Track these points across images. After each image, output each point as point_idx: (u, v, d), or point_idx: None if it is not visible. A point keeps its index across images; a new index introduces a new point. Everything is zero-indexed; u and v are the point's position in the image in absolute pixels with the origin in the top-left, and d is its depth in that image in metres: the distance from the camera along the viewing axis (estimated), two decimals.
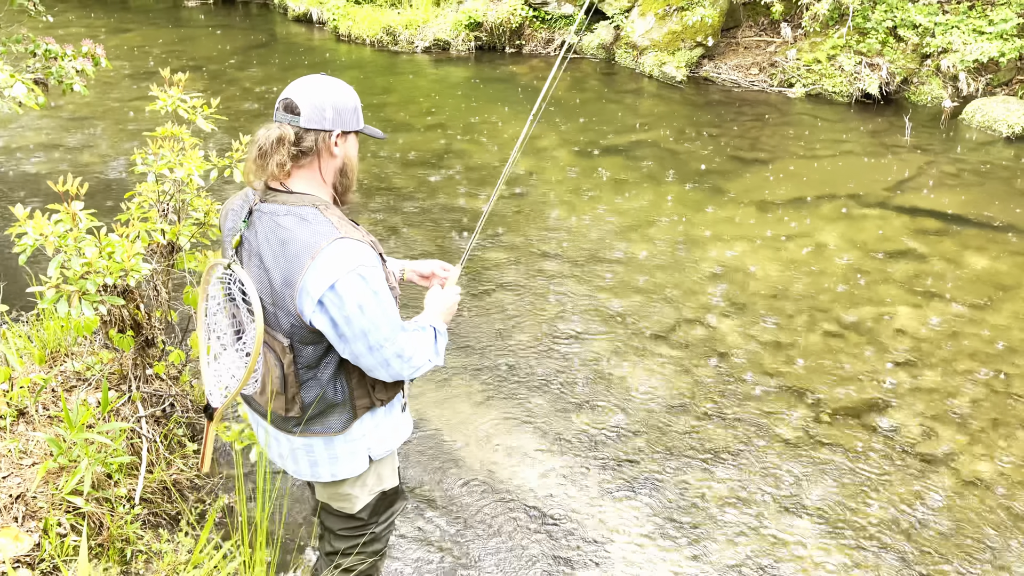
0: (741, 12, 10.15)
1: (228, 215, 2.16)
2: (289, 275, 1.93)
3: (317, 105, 1.98)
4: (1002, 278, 5.33)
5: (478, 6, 10.96)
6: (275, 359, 2.04)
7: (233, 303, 2.07)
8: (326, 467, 2.22)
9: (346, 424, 2.16)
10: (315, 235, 1.92)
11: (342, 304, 1.90)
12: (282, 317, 1.99)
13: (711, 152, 7.50)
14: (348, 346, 1.97)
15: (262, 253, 1.99)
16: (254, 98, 9.01)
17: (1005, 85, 8.69)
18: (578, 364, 4.49)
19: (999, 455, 3.85)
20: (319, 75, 2.06)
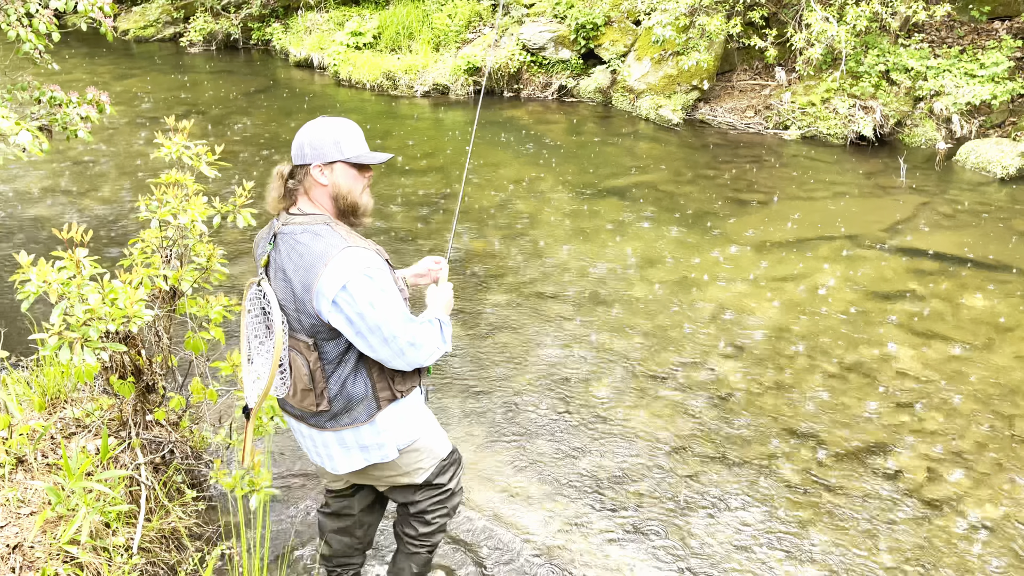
0: (736, 56, 10.32)
1: (259, 243, 2.49)
2: (307, 281, 2.24)
3: (297, 143, 2.35)
4: (1001, 319, 5.34)
5: (477, 51, 11.14)
6: (302, 359, 2.34)
7: (267, 315, 2.38)
8: (357, 454, 2.48)
9: (370, 415, 2.42)
10: (327, 246, 2.25)
11: (354, 302, 2.21)
12: (304, 319, 2.29)
13: (709, 194, 7.56)
14: (364, 340, 2.25)
15: (285, 267, 2.31)
16: (256, 143, 9.11)
17: (998, 127, 8.80)
18: (579, 407, 4.47)
19: (1004, 499, 3.82)
20: (320, 118, 2.40)
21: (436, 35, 11.74)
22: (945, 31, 9.71)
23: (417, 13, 12.19)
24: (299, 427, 2.54)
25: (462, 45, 11.56)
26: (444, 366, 4.86)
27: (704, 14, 9.28)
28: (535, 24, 11.02)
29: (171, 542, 3.11)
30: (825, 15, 8.66)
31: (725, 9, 9.39)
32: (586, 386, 4.67)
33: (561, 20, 10.96)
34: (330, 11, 13.21)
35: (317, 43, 12.61)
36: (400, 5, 12.53)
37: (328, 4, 13.32)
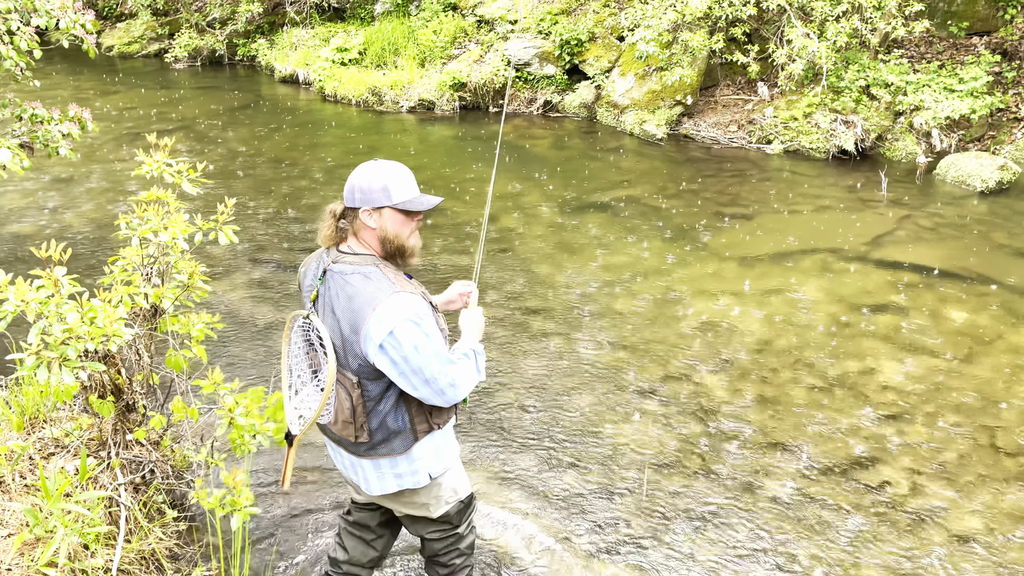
0: (718, 72, 10.41)
1: (307, 274, 2.58)
2: (355, 324, 2.33)
3: (349, 187, 2.43)
4: (982, 331, 5.38)
5: (462, 67, 11.19)
6: (346, 394, 2.44)
7: (312, 347, 2.49)
8: (391, 480, 2.59)
9: (407, 447, 2.53)
10: (376, 290, 2.33)
11: (400, 347, 2.30)
12: (351, 359, 2.39)
13: (693, 208, 7.60)
14: (407, 380, 2.35)
15: (334, 305, 2.40)
16: (241, 159, 9.09)
17: (977, 140, 8.91)
18: (565, 421, 4.46)
19: (987, 510, 3.84)
20: (372, 160, 2.47)
21: (421, 51, 11.79)
22: (924, 47, 9.84)
23: (402, 29, 12.24)
24: (336, 449, 2.66)
25: (447, 61, 11.60)
26: None
27: (687, 30, 9.36)
28: (520, 40, 11.08)
29: (151, 564, 3.07)
30: (806, 31, 8.76)
31: (708, 25, 9.48)
32: (571, 400, 4.66)
33: (545, 36, 11.03)
34: (316, 27, 13.24)
35: (303, 59, 12.63)
36: (385, 21, 12.58)
37: (314, 20, 13.35)
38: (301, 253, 6.61)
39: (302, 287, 2.60)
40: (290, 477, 2.63)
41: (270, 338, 5.31)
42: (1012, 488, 3.97)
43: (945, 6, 9.72)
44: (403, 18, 12.59)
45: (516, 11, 11.47)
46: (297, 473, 4.01)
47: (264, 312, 5.67)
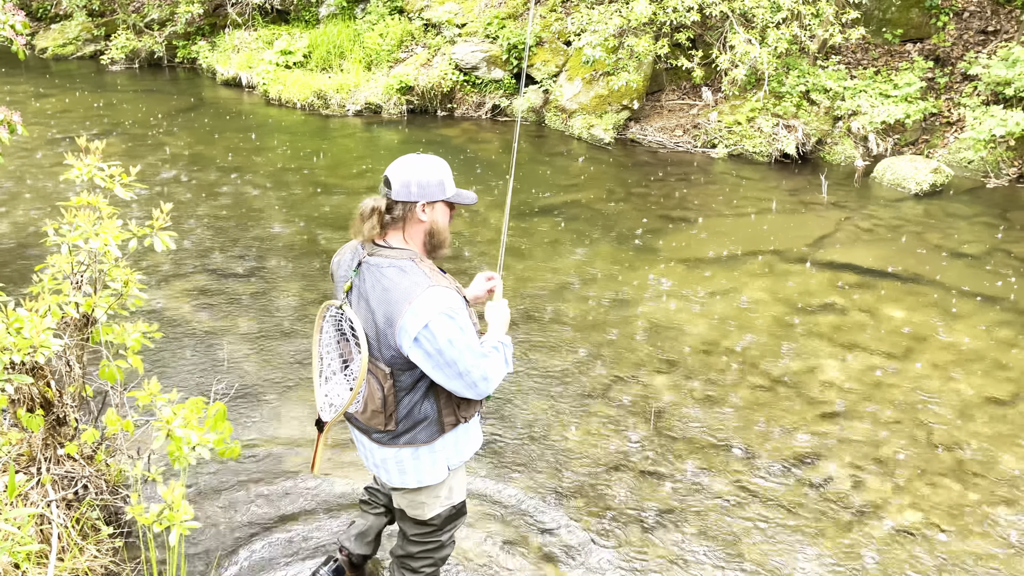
0: (664, 77, 10.55)
1: (340, 264, 2.63)
2: (391, 316, 2.38)
3: (404, 181, 2.45)
4: (918, 329, 5.54)
5: (409, 71, 11.12)
6: (377, 384, 2.48)
7: (344, 338, 2.55)
8: (412, 475, 2.63)
9: (431, 437, 2.58)
10: (412, 284, 2.38)
11: (435, 339, 2.34)
12: (384, 350, 2.43)
13: (640, 211, 7.67)
14: (441, 372, 2.39)
15: (368, 297, 2.45)
16: (181, 163, 8.88)
17: (912, 144, 9.19)
18: (516, 425, 4.45)
19: (925, 504, 3.94)
20: (413, 154, 2.52)
21: (368, 54, 11.68)
22: (861, 53, 10.11)
23: (348, 32, 12.10)
24: (361, 438, 2.72)
25: (394, 64, 11.52)
26: None
27: (632, 35, 9.46)
28: (467, 44, 11.06)
29: None
30: (748, 37, 8.93)
31: (653, 31, 9.60)
32: (520, 405, 4.65)
33: (493, 40, 11.03)
34: (259, 29, 13.01)
35: (245, 61, 12.40)
36: (331, 24, 12.43)
37: (256, 22, 13.12)
38: (245, 259, 6.48)
39: (335, 278, 2.66)
40: (320, 462, 2.71)
41: (213, 346, 5.18)
42: (947, 481, 4.09)
43: (880, 14, 10.02)
44: (349, 21, 12.47)
45: (463, 15, 11.45)
46: (243, 485, 3.92)
47: (206, 319, 5.53)
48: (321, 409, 2.62)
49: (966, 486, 4.05)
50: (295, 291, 5.98)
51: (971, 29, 9.89)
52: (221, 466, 4.02)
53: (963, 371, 5.04)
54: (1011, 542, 3.71)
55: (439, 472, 2.65)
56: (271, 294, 5.93)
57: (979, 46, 9.62)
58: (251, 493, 3.88)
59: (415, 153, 2.55)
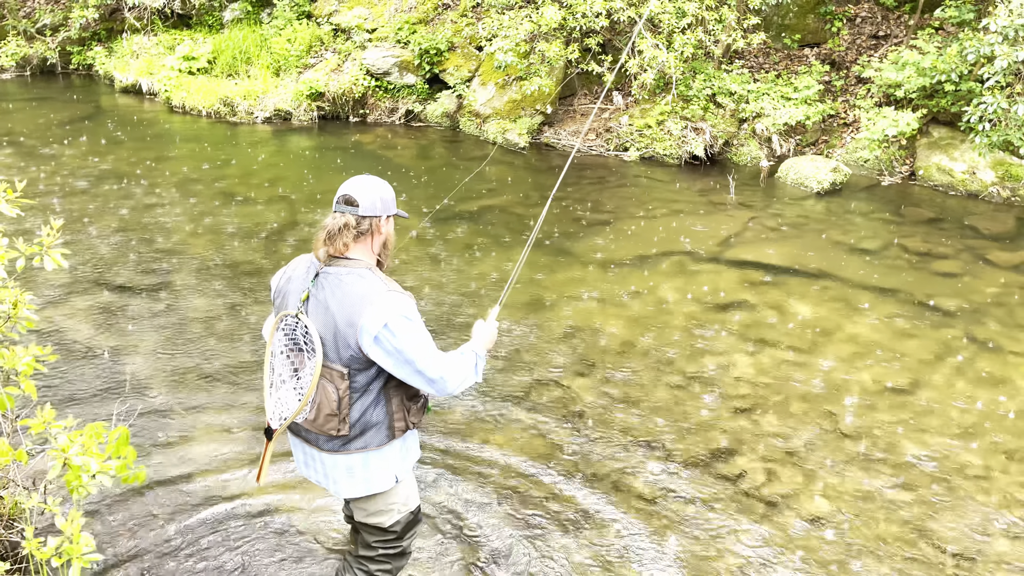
0: (576, 81, 10.68)
1: (292, 279, 2.76)
2: (351, 318, 2.56)
3: (372, 199, 2.68)
4: (823, 323, 5.76)
5: (319, 76, 10.92)
6: (333, 387, 2.62)
7: (296, 347, 2.66)
8: (362, 483, 2.76)
9: (382, 442, 2.72)
10: (371, 289, 2.59)
11: (393, 338, 2.55)
12: (343, 350, 2.59)
13: (556, 215, 7.74)
14: (400, 370, 2.59)
15: (328, 303, 2.61)
16: (79, 175, 8.46)
17: (812, 145, 9.58)
18: (433, 434, 4.40)
19: (832, 492, 4.09)
20: (366, 175, 2.75)
21: (275, 60, 11.40)
22: (762, 57, 10.48)
23: (254, 37, 11.80)
24: (308, 451, 2.80)
25: (303, 70, 11.29)
26: None
27: (544, 40, 9.55)
28: (378, 49, 10.93)
29: None
30: (655, 42, 9.13)
31: (563, 36, 9.70)
32: (440, 413, 4.61)
33: (404, 45, 10.94)
34: (159, 34, 12.54)
35: (146, 68, 11.92)
36: (236, 29, 12.08)
37: (156, 27, 12.64)
38: (148, 274, 6.21)
39: (282, 291, 2.77)
40: (266, 472, 2.80)
41: (115, 367, 4.95)
42: (853, 469, 4.26)
43: (779, 20, 10.40)
44: (254, 26, 12.15)
45: (373, 20, 11.33)
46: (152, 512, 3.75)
47: (108, 339, 5.28)
48: (271, 418, 2.71)
49: (870, 473, 4.23)
50: (203, 306, 5.78)
51: (863, 34, 10.38)
52: (127, 493, 3.83)
53: (865, 362, 5.26)
54: (913, 525, 3.89)
55: (387, 480, 2.78)
56: (177, 310, 5.71)
57: (871, 50, 10.11)
58: (159, 519, 3.72)
59: (362, 175, 2.76)
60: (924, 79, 8.46)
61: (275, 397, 2.72)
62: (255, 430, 4.41)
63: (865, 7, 10.63)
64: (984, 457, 4.38)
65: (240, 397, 4.71)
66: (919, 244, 7.12)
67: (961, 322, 5.79)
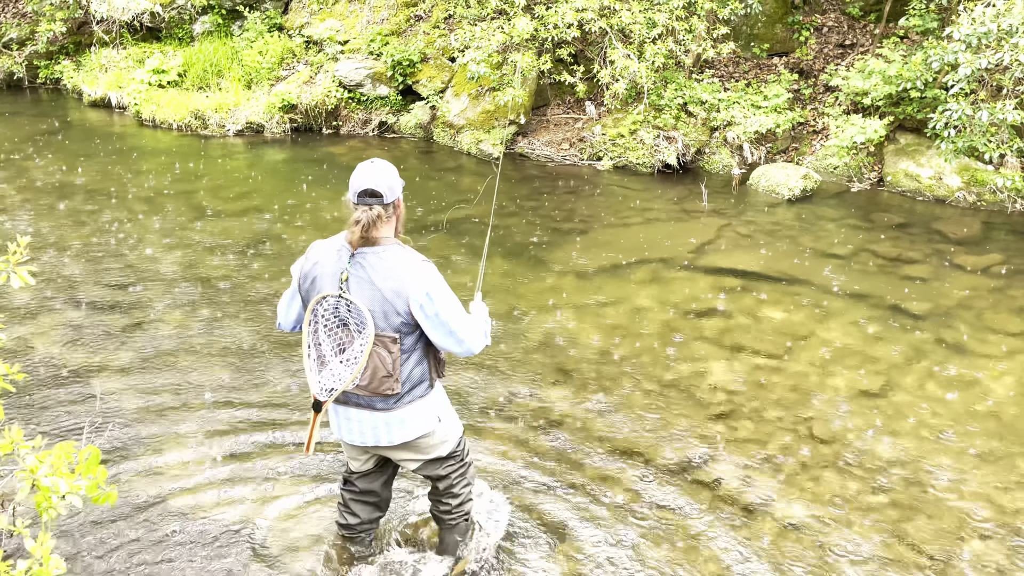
0: (549, 92, 10.73)
1: (319, 262, 3.02)
2: (397, 288, 2.92)
3: (389, 185, 2.96)
4: (796, 328, 5.82)
5: (291, 88, 10.87)
6: (385, 351, 2.94)
7: (341, 324, 2.95)
8: (412, 426, 3.10)
9: (425, 392, 3.11)
10: (409, 261, 2.97)
11: (433, 303, 2.95)
12: (392, 318, 2.93)
13: (531, 225, 7.76)
14: (437, 331, 2.98)
15: (372, 278, 2.93)
16: (48, 191, 8.34)
17: (783, 152, 9.69)
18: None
19: (808, 496, 4.13)
20: (372, 161, 2.99)
21: (247, 72, 11.34)
22: (732, 67, 10.61)
23: (225, 50, 11.71)
24: (357, 415, 3.09)
25: (275, 82, 11.22)
26: (281, 407, 4.61)
27: (516, 51, 9.58)
28: (351, 61, 10.91)
29: None
30: (627, 53, 9.20)
31: (535, 47, 9.75)
32: None
33: (377, 57, 10.93)
34: (128, 48, 12.41)
35: (115, 81, 11.79)
36: (206, 42, 12.00)
37: (125, 40, 12.52)
38: (119, 289, 6.13)
39: (309, 276, 3.02)
40: (313, 444, 3.07)
41: (85, 385, 4.87)
42: (828, 473, 4.30)
43: (748, 29, 10.54)
44: (225, 38, 12.07)
45: (345, 32, 11.31)
46: (112, 539, 3.69)
47: (79, 356, 5.20)
48: (317, 392, 2.94)
49: (845, 477, 4.27)
50: (176, 320, 5.71)
51: (830, 43, 10.55)
52: (98, 513, 3.77)
53: (838, 367, 5.32)
54: (889, 528, 3.93)
55: (432, 421, 3.15)
56: (149, 325, 5.64)
57: (838, 59, 10.27)
58: (131, 540, 3.66)
59: (366, 161, 3.00)
60: (890, 87, 8.61)
61: (322, 373, 2.94)
62: (230, 447, 4.36)
63: (832, 17, 10.81)
64: (957, 459, 4.44)
65: (215, 413, 4.66)
66: (888, 249, 7.23)
67: (931, 325, 5.88)
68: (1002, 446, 4.55)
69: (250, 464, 4.24)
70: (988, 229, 7.78)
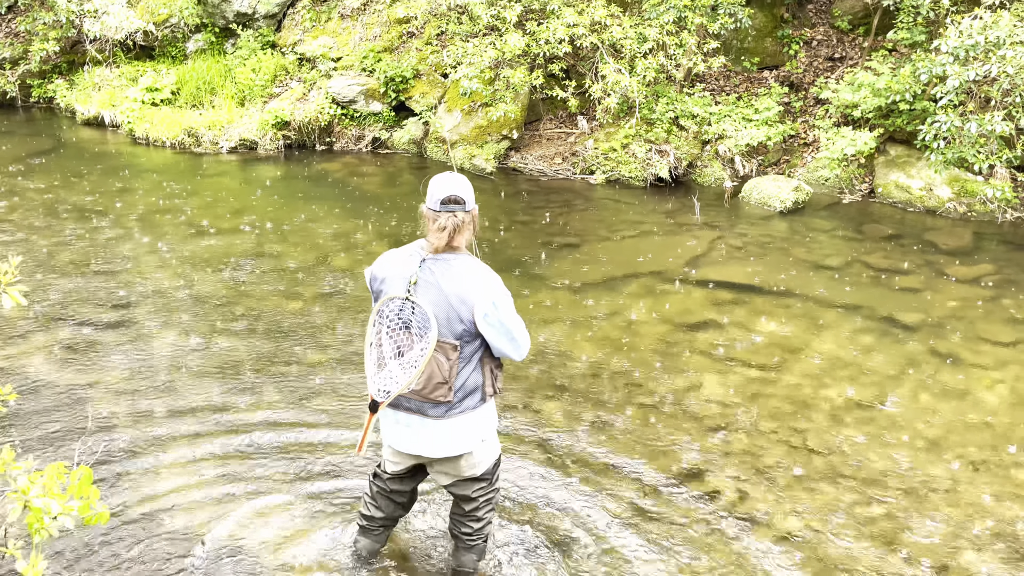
0: (541, 106, 10.78)
1: (393, 266, 3.13)
2: (464, 295, 2.99)
3: (470, 193, 3.08)
4: (789, 340, 5.83)
5: (285, 105, 10.90)
6: (443, 357, 3.02)
7: (404, 327, 3.02)
8: (460, 442, 3.15)
9: (477, 405, 3.15)
10: (477, 271, 3.07)
11: (498, 311, 3.03)
12: (455, 325, 3.00)
13: (525, 239, 7.77)
14: (500, 338, 3.07)
15: (440, 284, 3.01)
16: (40, 210, 8.33)
17: (775, 165, 9.75)
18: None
19: (803, 508, 4.12)
20: (451, 174, 3.11)
21: (240, 90, 11.37)
22: (723, 80, 10.68)
23: (219, 68, 11.75)
24: (408, 420, 3.14)
25: (269, 99, 11.26)
26: (276, 426, 4.60)
27: (508, 67, 9.64)
28: (344, 77, 10.96)
29: None
30: (618, 67, 9.26)
31: (527, 62, 9.81)
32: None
33: (370, 74, 10.97)
34: (121, 66, 12.44)
35: (108, 100, 11.81)
36: (200, 60, 12.04)
37: (119, 59, 12.55)
38: (112, 308, 6.12)
39: (380, 278, 3.14)
40: (365, 444, 3.14)
41: (77, 405, 4.85)
42: (823, 484, 4.30)
43: (738, 44, 10.62)
44: (219, 56, 12.12)
45: (338, 48, 11.36)
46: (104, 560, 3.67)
47: (70, 376, 5.18)
48: (375, 393, 3.01)
49: (839, 489, 4.27)
50: (171, 338, 5.70)
51: (820, 56, 10.63)
52: (90, 534, 3.74)
53: (831, 378, 5.34)
54: (884, 539, 3.93)
55: (478, 439, 3.20)
56: (143, 344, 5.63)
57: (828, 72, 10.35)
58: (123, 560, 3.64)
59: (443, 173, 3.12)
60: (879, 99, 8.68)
61: (380, 374, 3.02)
62: (224, 465, 4.34)
63: (821, 31, 10.90)
64: (950, 469, 4.45)
65: (209, 432, 4.64)
66: (880, 260, 7.26)
67: (924, 336, 5.90)
68: (996, 456, 4.56)
69: (245, 482, 4.22)
70: (979, 239, 7.82)
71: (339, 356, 5.51)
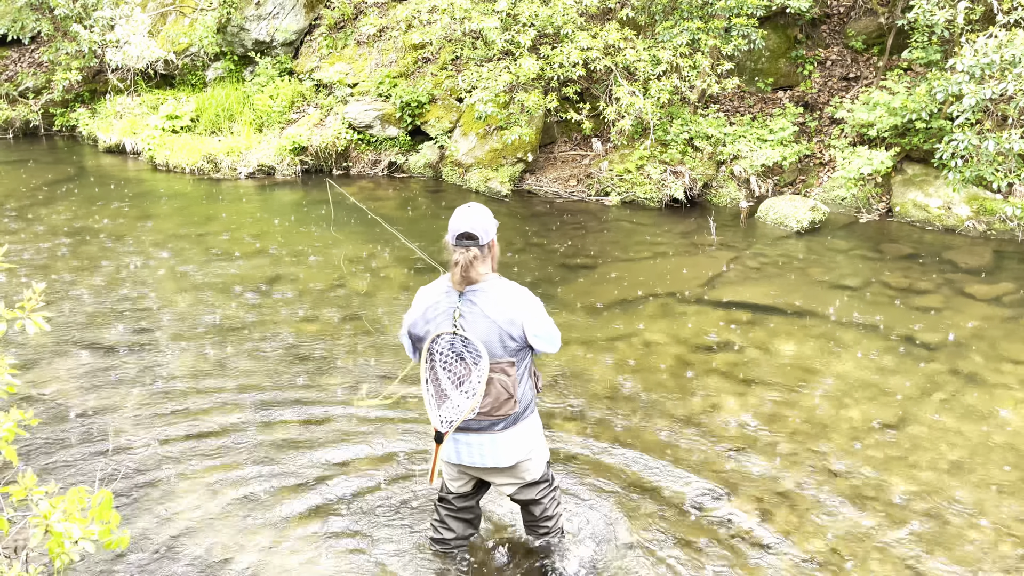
0: (555, 129, 10.84)
1: (436, 305, 3.34)
2: (510, 315, 3.26)
3: (484, 228, 3.28)
4: (808, 361, 5.79)
5: (302, 131, 11.03)
6: (504, 376, 3.27)
7: (459, 359, 3.23)
8: (520, 448, 3.41)
9: (532, 411, 3.46)
10: (513, 291, 3.33)
11: (539, 323, 3.33)
12: (508, 343, 3.27)
13: (541, 261, 7.79)
14: (543, 343, 3.36)
15: (485, 311, 3.24)
16: (63, 236, 8.46)
17: (790, 185, 9.73)
18: (429, 490, 4.36)
19: (826, 532, 4.07)
20: (469, 206, 3.34)
21: (258, 116, 11.53)
22: (737, 101, 10.70)
23: (237, 95, 11.93)
24: (472, 439, 3.36)
25: (286, 125, 11.40)
26: (296, 448, 4.60)
27: (522, 91, 9.71)
28: (360, 103, 11.09)
29: None
30: (632, 89, 9.31)
31: (541, 86, 9.88)
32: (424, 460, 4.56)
33: (386, 99, 11.09)
34: (142, 94, 12.67)
35: (129, 127, 12.02)
36: (219, 87, 12.23)
37: (140, 87, 12.78)
38: (133, 333, 6.18)
39: (425, 319, 3.33)
40: (436, 473, 3.35)
41: (98, 429, 4.88)
42: (845, 508, 4.24)
43: (752, 64, 10.65)
44: (237, 83, 12.31)
45: (354, 75, 11.50)
46: None
47: (92, 401, 5.22)
48: (438, 425, 3.24)
49: (862, 512, 4.21)
50: (189, 363, 5.74)
51: (834, 76, 10.63)
52: (111, 559, 3.76)
53: (852, 399, 5.28)
54: (907, 563, 3.87)
55: (533, 443, 3.45)
56: (162, 368, 5.67)
57: (842, 91, 10.34)
58: None
59: (463, 206, 3.34)
60: (895, 118, 8.65)
61: (443, 407, 3.23)
62: (244, 490, 4.35)
63: (835, 51, 10.91)
64: (974, 492, 4.38)
65: (227, 456, 4.66)
66: (899, 280, 7.21)
67: (944, 356, 5.83)
68: (1021, 477, 4.49)
69: (264, 509, 4.22)
70: (999, 258, 7.74)
71: (354, 380, 5.52)
